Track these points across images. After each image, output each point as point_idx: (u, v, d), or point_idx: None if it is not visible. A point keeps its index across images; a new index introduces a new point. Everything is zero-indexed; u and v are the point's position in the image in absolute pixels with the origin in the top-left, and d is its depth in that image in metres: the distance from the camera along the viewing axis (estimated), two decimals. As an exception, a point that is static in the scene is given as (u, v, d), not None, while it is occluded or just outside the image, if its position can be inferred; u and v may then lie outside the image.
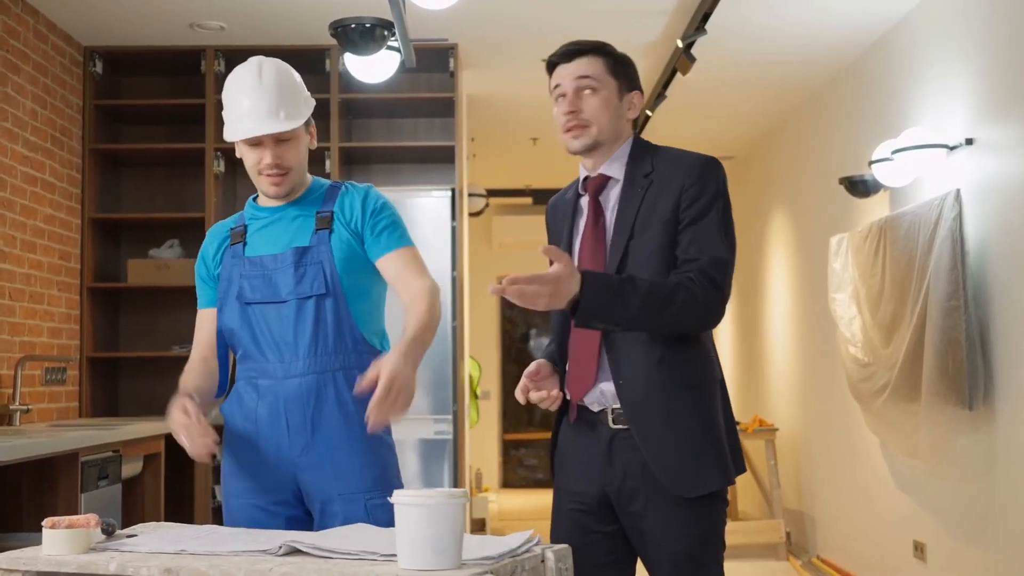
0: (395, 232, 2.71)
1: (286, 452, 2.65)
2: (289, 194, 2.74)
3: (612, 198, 2.56)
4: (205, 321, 2.82)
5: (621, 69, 2.57)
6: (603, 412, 2.51)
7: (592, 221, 2.55)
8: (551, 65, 2.59)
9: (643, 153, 2.57)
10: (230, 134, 2.68)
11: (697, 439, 2.45)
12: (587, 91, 2.53)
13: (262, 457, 2.67)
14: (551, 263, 2.30)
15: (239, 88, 2.67)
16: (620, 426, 2.47)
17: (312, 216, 2.72)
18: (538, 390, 2.53)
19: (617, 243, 2.49)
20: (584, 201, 2.61)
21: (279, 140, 2.67)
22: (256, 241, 2.74)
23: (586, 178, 2.61)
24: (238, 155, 2.75)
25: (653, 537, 2.47)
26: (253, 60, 2.71)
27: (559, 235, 2.65)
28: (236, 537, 2.22)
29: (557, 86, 2.57)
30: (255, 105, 2.64)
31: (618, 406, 2.48)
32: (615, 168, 2.57)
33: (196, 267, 2.85)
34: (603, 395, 2.50)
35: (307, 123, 2.74)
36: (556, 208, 2.72)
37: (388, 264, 2.69)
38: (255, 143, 2.67)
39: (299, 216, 2.72)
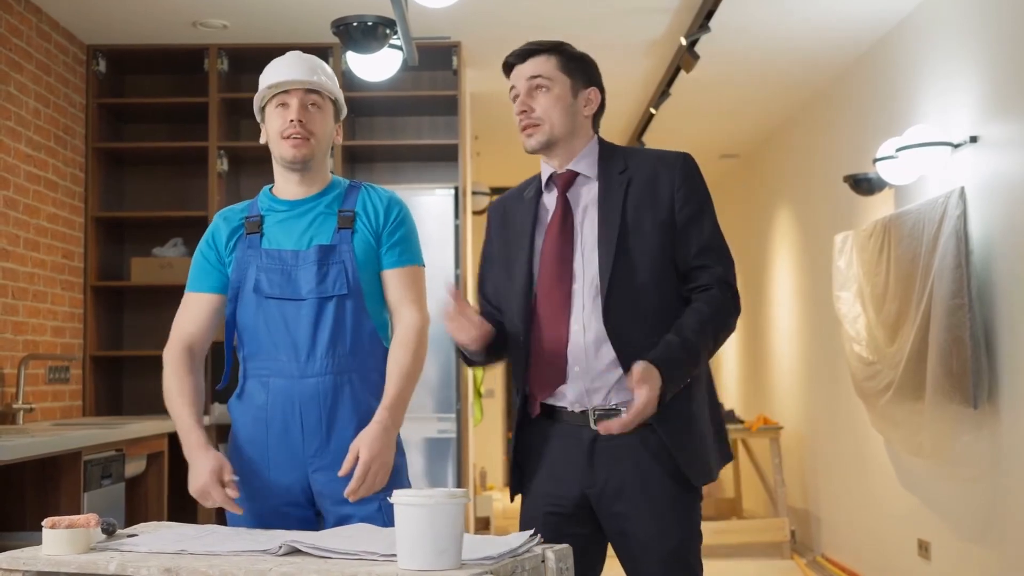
0: (408, 249, 2.74)
1: (299, 453, 2.63)
2: (307, 171, 2.71)
3: (584, 195, 2.56)
4: (194, 305, 2.76)
5: (576, 66, 2.58)
6: (584, 413, 2.49)
7: (560, 218, 2.54)
8: (507, 67, 2.61)
9: (611, 152, 2.59)
10: (261, 86, 2.72)
11: (703, 429, 2.51)
12: (539, 89, 2.55)
13: (273, 458, 2.65)
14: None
15: (279, 60, 2.76)
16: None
17: (333, 213, 2.70)
18: (454, 320, 2.49)
19: (607, 241, 2.47)
20: (548, 199, 2.60)
21: (307, 104, 2.70)
22: (274, 233, 2.70)
23: (551, 175, 2.60)
24: (262, 140, 2.76)
25: (639, 537, 2.46)
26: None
27: (517, 235, 2.61)
28: (236, 537, 2.22)
29: (512, 87, 2.59)
30: (290, 66, 2.72)
31: (603, 406, 2.47)
32: (584, 165, 2.57)
33: (201, 247, 2.77)
34: (587, 395, 2.48)
35: (336, 112, 2.80)
36: (508, 209, 2.69)
37: (392, 278, 2.71)
38: (284, 104, 2.70)
39: (320, 213, 2.70)
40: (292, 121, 2.67)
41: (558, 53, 2.57)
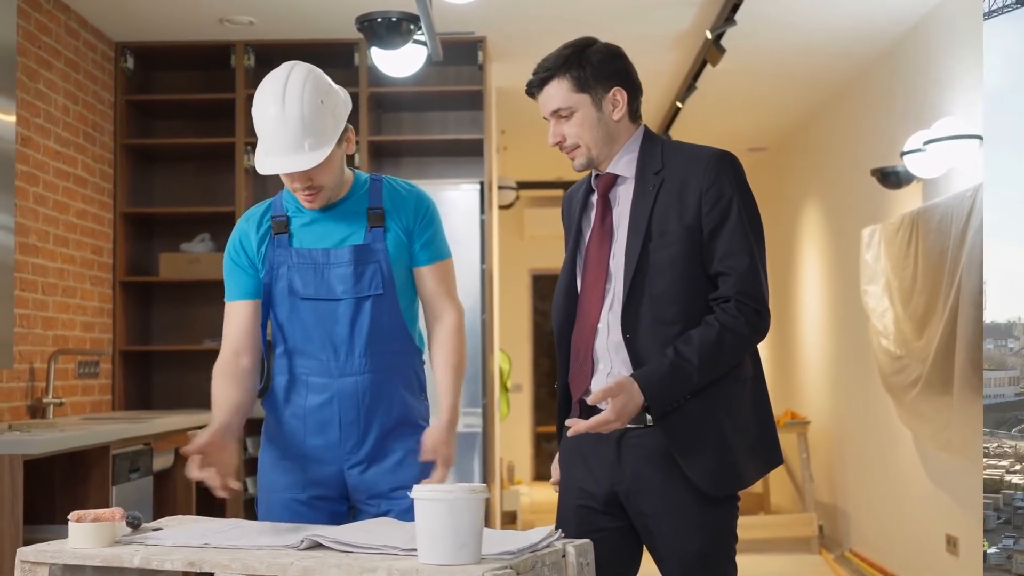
0: (439, 244, 2.76)
1: (335, 448, 2.66)
2: (329, 201, 2.70)
3: (621, 195, 2.56)
4: (237, 313, 2.72)
5: (590, 75, 2.51)
6: None
7: (599, 219, 2.56)
8: (530, 95, 2.60)
9: (652, 147, 2.56)
10: (259, 167, 2.62)
11: (727, 434, 2.45)
12: (563, 119, 2.54)
13: (309, 452, 2.67)
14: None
15: (263, 117, 2.59)
16: (630, 424, 2.46)
17: (362, 212, 2.70)
18: None
19: (632, 245, 2.47)
20: (595, 197, 2.62)
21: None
22: (303, 233, 2.70)
23: (597, 175, 2.62)
24: None
25: (665, 537, 2.46)
26: (279, 77, 2.60)
27: (570, 229, 2.67)
28: (260, 531, 2.24)
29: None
30: (279, 140, 2.57)
31: None
32: (623, 165, 2.57)
33: (231, 254, 2.73)
34: None
35: (342, 132, 2.65)
36: (571, 201, 2.71)
37: (426, 274, 2.74)
38: None
39: (349, 211, 2.70)
40: (298, 187, 2.63)
41: (568, 71, 2.51)
